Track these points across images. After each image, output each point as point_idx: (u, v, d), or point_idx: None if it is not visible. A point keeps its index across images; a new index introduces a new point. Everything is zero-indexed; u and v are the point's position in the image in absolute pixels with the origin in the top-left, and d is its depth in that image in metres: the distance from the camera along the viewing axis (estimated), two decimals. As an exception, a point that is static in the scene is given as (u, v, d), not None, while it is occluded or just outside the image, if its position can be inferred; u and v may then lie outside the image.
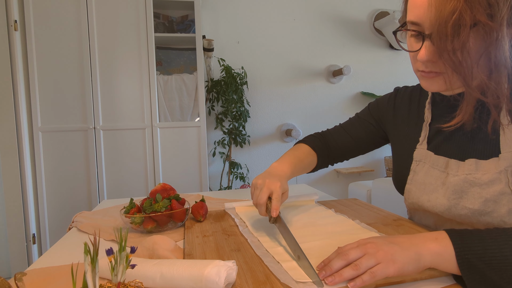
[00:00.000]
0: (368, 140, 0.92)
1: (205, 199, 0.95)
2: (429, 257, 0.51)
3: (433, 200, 0.69)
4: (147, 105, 2.24)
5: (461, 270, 0.49)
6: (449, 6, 0.52)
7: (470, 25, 0.51)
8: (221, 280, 0.49)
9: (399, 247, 0.51)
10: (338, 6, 2.93)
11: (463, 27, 0.51)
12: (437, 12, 0.53)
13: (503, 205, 0.59)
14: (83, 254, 0.39)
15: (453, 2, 0.51)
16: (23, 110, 2.11)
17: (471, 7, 0.51)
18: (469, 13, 0.51)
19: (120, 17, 2.18)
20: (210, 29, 2.72)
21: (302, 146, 0.97)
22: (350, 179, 3.05)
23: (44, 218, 2.16)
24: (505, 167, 0.58)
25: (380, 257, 0.50)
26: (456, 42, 0.53)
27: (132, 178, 2.25)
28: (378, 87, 3.00)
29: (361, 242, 0.54)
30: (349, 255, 0.51)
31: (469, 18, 0.51)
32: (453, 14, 0.52)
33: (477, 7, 0.51)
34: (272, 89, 2.86)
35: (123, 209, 0.85)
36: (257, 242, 0.70)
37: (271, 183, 0.74)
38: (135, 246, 0.47)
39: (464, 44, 0.53)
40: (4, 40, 2.05)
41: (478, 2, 0.51)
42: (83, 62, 2.16)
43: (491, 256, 0.48)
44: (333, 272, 0.51)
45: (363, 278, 0.49)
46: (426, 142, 0.73)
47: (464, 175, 0.63)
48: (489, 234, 0.51)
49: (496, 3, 0.51)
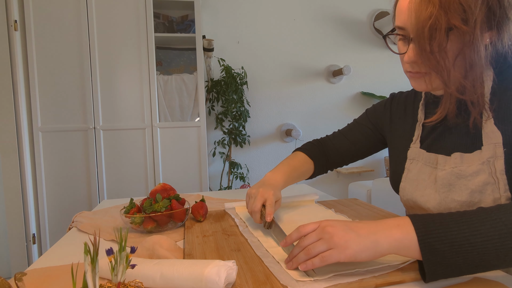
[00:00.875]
0: (367, 144, 0.95)
1: (205, 199, 0.95)
2: (387, 245, 0.51)
3: (426, 196, 0.71)
4: (147, 105, 2.24)
5: (423, 254, 0.49)
6: (426, 12, 0.57)
7: (445, 29, 0.56)
8: (221, 280, 0.49)
9: (355, 234, 0.52)
10: (338, 6, 2.93)
11: (438, 30, 0.56)
12: (416, 17, 0.59)
13: (488, 195, 0.61)
14: (83, 254, 0.39)
15: (430, 8, 0.56)
16: (23, 110, 2.11)
17: (446, 13, 0.56)
18: (444, 18, 0.56)
19: (120, 17, 2.18)
20: (210, 29, 2.72)
21: (298, 154, 0.99)
22: (350, 179, 3.05)
23: (44, 218, 2.16)
24: (487, 158, 0.61)
25: (334, 242, 0.52)
26: (433, 44, 0.58)
27: (132, 178, 2.25)
28: (378, 87, 3.00)
29: (321, 224, 0.56)
30: (306, 242, 0.55)
31: (444, 22, 0.56)
32: (430, 19, 0.57)
33: (452, 13, 0.55)
34: (272, 89, 2.86)
35: (123, 209, 0.85)
36: (257, 242, 0.70)
37: (265, 192, 0.79)
38: (135, 246, 0.47)
39: (440, 46, 0.57)
40: (4, 40, 2.05)
41: (453, 8, 0.55)
42: (83, 62, 2.16)
43: (452, 239, 0.49)
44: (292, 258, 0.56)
45: (314, 261, 0.52)
46: (419, 141, 0.75)
47: (450, 168, 0.66)
48: (450, 217, 0.51)
49: (470, 8, 0.55)
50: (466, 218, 0.50)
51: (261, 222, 0.76)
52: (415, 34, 0.60)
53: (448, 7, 0.56)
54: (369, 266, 0.56)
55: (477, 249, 0.48)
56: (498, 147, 0.60)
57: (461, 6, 0.55)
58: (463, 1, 0.55)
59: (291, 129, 2.81)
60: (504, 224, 0.48)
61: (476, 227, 0.49)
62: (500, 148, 0.60)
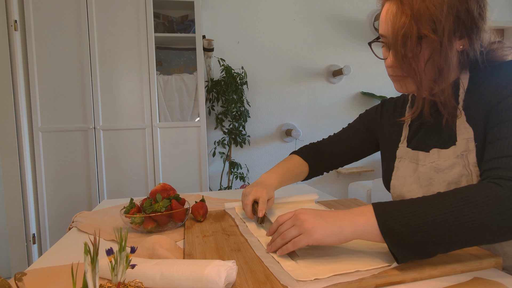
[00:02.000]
0: (361, 146, 1.00)
1: (205, 199, 0.95)
2: (351, 231, 0.57)
3: (412, 191, 0.76)
4: (147, 105, 2.24)
5: (384, 237, 0.55)
6: (400, 22, 0.65)
7: (416, 37, 0.64)
8: (221, 280, 0.49)
9: (324, 221, 0.59)
10: (338, 6, 2.93)
11: (410, 38, 0.64)
12: (391, 26, 0.67)
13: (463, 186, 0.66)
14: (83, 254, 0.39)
15: (403, 18, 0.64)
16: (23, 110, 2.11)
17: (416, 23, 0.63)
18: (415, 27, 0.63)
19: (120, 17, 2.18)
20: (210, 29, 2.72)
21: (294, 157, 1.05)
22: (350, 179, 3.05)
23: (44, 218, 2.16)
24: (461, 152, 0.67)
25: (304, 228, 0.59)
26: (407, 51, 0.65)
27: (132, 178, 2.25)
28: (378, 87, 3.00)
29: (296, 212, 0.63)
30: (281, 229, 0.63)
31: (415, 31, 0.63)
32: (403, 28, 0.64)
33: (422, 23, 0.63)
34: (272, 89, 2.86)
35: (123, 209, 0.85)
36: (257, 242, 0.70)
37: (258, 191, 0.86)
38: (135, 246, 0.47)
39: (413, 52, 0.65)
40: (4, 40, 2.05)
41: (424, 18, 0.63)
42: (83, 62, 2.16)
43: (408, 220, 0.54)
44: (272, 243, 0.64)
45: (287, 246, 0.60)
46: (406, 141, 0.81)
47: (430, 163, 0.72)
48: (409, 201, 0.57)
49: (438, 19, 0.62)
50: (421, 201, 0.56)
51: (253, 216, 0.84)
52: (392, 41, 0.67)
53: (419, 18, 0.63)
54: (369, 266, 0.56)
55: (432, 227, 0.53)
56: (470, 142, 0.66)
57: (431, 17, 0.63)
58: (433, 12, 0.62)
59: (291, 129, 2.81)
60: (453, 202, 0.54)
61: (429, 207, 0.55)
62: (472, 142, 0.66)
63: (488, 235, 0.53)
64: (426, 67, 0.67)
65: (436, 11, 0.63)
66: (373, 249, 0.63)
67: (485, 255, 0.60)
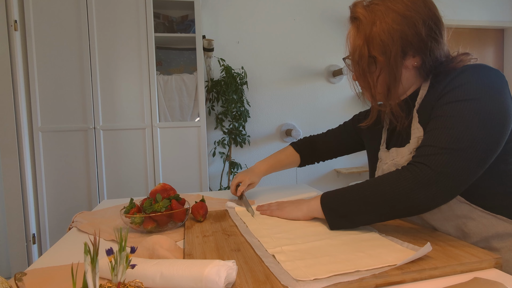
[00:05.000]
0: (350, 144, 1.12)
1: (205, 199, 0.95)
2: (306, 209, 0.84)
3: None
4: (147, 105, 2.24)
5: (324, 212, 0.78)
6: (356, 44, 0.77)
7: (367, 57, 0.76)
8: (221, 280, 0.49)
9: (293, 205, 0.88)
10: (338, 6, 2.93)
11: (363, 57, 0.76)
12: (351, 47, 0.80)
13: None
14: (83, 254, 0.39)
15: (358, 41, 0.77)
16: (23, 110, 2.11)
17: (368, 45, 0.76)
18: (366, 49, 0.76)
19: (120, 17, 2.18)
20: (210, 29, 2.72)
21: (288, 148, 1.22)
22: (350, 179, 3.05)
23: (44, 218, 2.16)
24: (413, 148, 0.77)
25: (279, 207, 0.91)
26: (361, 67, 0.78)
27: (132, 178, 2.25)
28: (378, 87, 3.00)
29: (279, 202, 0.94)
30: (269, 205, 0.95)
31: (366, 52, 0.76)
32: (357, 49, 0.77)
33: (374, 46, 0.75)
34: (272, 89, 2.86)
35: (123, 209, 0.85)
36: (257, 242, 0.70)
37: (242, 176, 1.11)
38: (135, 246, 0.47)
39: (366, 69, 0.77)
40: (4, 40, 2.05)
41: (375, 42, 0.74)
42: (83, 62, 2.16)
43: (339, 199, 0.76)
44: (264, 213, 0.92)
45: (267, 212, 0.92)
46: (385, 144, 0.90)
47: (390, 160, 0.82)
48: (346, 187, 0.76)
49: (386, 44, 0.74)
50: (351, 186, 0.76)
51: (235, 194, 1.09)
52: (351, 58, 0.80)
53: (371, 41, 0.75)
54: (369, 266, 0.56)
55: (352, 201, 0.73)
56: (420, 139, 0.75)
57: (380, 42, 0.74)
58: (382, 38, 0.73)
59: (291, 129, 2.80)
60: (368, 183, 0.73)
61: (351, 187, 0.75)
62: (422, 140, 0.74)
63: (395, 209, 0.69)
64: (378, 83, 0.78)
65: (384, 36, 0.73)
66: (373, 249, 0.63)
67: (485, 255, 0.60)
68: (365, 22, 0.75)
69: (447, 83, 0.71)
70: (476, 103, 0.66)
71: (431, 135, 0.70)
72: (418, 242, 0.67)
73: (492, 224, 0.71)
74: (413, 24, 0.72)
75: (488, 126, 0.66)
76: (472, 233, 0.73)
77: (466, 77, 0.69)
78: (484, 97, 0.67)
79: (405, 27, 0.72)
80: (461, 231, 0.74)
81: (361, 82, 0.81)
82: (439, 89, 0.73)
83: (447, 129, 0.67)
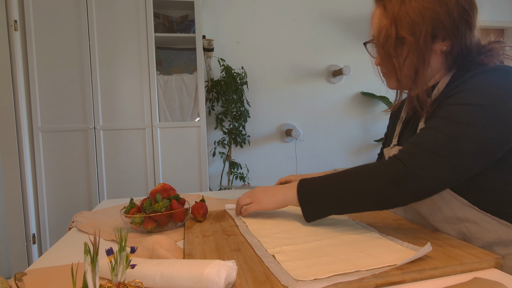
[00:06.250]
0: None
1: (205, 199, 0.95)
2: (282, 199, 0.80)
3: None
4: (147, 105, 2.24)
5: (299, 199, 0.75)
6: (382, 25, 0.73)
7: (394, 38, 0.71)
8: (221, 280, 0.49)
9: (268, 194, 0.82)
10: (338, 6, 2.93)
11: (390, 39, 0.72)
12: (375, 29, 0.75)
13: None
14: (83, 254, 0.39)
15: (385, 21, 0.73)
16: (23, 110, 2.11)
17: (395, 26, 0.71)
18: (394, 30, 0.71)
19: (120, 17, 2.18)
20: (210, 29, 2.72)
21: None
22: (350, 179, 3.04)
23: (44, 218, 2.16)
24: None
25: (253, 199, 0.84)
26: (387, 50, 0.73)
27: (132, 178, 2.25)
28: (378, 87, 3.00)
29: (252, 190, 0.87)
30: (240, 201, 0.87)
31: (394, 33, 0.71)
32: (383, 30, 0.73)
33: (401, 26, 0.71)
34: (272, 89, 2.86)
35: (123, 209, 0.85)
36: (257, 242, 0.70)
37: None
38: (135, 246, 0.47)
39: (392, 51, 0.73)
40: (4, 40, 2.05)
41: (404, 22, 0.70)
42: (83, 62, 2.16)
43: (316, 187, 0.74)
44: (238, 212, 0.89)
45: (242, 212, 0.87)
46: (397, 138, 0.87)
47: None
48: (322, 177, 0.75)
49: (416, 23, 0.69)
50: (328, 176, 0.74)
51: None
52: (376, 41, 0.76)
53: (399, 21, 0.71)
54: (369, 266, 0.56)
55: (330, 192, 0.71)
56: None
57: (409, 21, 0.70)
58: (412, 17, 0.69)
59: (291, 129, 2.80)
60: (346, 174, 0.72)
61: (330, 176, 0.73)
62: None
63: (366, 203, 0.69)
64: (405, 66, 0.73)
65: (414, 15, 0.69)
66: (373, 249, 0.63)
67: (485, 255, 0.60)
68: (393, 0, 0.71)
69: (458, 83, 0.68)
70: (478, 110, 0.63)
71: (421, 133, 0.68)
72: (418, 242, 0.67)
73: (496, 229, 0.68)
74: (445, 3, 0.68)
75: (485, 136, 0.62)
76: (474, 237, 0.70)
77: (477, 81, 0.65)
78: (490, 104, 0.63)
79: (437, 6, 0.68)
80: (463, 235, 0.71)
81: (386, 65, 0.76)
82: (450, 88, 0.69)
83: (437, 132, 0.65)
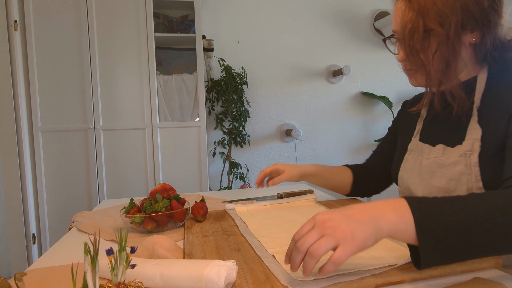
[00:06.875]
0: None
1: (205, 199, 0.95)
2: (386, 230, 0.49)
3: (416, 183, 0.78)
4: (147, 105, 2.24)
5: (418, 236, 0.47)
6: (407, 18, 0.68)
7: (422, 31, 0.67)
8: (221, 280, 0.49)
9: (357, 222, 0.49)
10: (338, 6, 2.93)
11: (417, 32, 0.67)
12: (400, 22, 0.71)
13: (462, 184, 0.68)
14: (83, 254, 0.39)
15: (410, 14, 0.68)
16: (23, 110, 2.11)
17: (423, 18, 0.66)
18: (421, 22, 0.66)
19: (120, 17, 2.18)
20: (210, 29, 2.72)
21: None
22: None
23: (44, 218, 2.16)
24: (465, 151, 0.68)
25: (339, 237, 0.47)
26: (414, 44, 0.68)
27: (132, 178, 2.25)
28: (378, 87, 3.00)
29: (317, 220, 0.50)
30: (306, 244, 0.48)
31: (421, 26, 0.66)
32: (410, 23, 0.68)
33: (429, 17, 0.66)
34: (272, 89, 2.86)
35: (123, 209, 0.85)
36: (257, 242, 0.70)
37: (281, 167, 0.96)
38: (135, 246, 0.47)
39: (420, 45, 0.68)
40: (4, 40, 2.04)
41: (431, 13, 0.65)
42: (83, 62, 2.16)
43: (446, 221, 0.47)
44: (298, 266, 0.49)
45: (328, 268, 0.46)
46: (419, 135, 0.82)
47: (433, 157, 0.74)
48: (445, 200, 0.50)
49: (445, 14, 0.65)
50: (459, 201, 0.50)
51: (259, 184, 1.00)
52: (400, 35, 0.71)
53: (426, 13, 0.66)
54: (369, 266, 0.56)
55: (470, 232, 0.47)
56: (476, 142, 0.67)
57: (437, 12, 0.65)
58: (439, 7, 0.65)
59: (291, 129, 2.80)
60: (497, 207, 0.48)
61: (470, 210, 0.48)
62: (478, 143, 0.66)
63: None
64: (434, 59, 0.68)
65: (442, 5, 0.65)
66: (373, 249, 0.63)
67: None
68: None
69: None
70: None
71: None
72: (418, 242, 0.67)
73: None
74: None
75: None
76: None
77: None
78: None
79: None
80: None
81: (412, 60, 0.70)
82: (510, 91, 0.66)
83: None
